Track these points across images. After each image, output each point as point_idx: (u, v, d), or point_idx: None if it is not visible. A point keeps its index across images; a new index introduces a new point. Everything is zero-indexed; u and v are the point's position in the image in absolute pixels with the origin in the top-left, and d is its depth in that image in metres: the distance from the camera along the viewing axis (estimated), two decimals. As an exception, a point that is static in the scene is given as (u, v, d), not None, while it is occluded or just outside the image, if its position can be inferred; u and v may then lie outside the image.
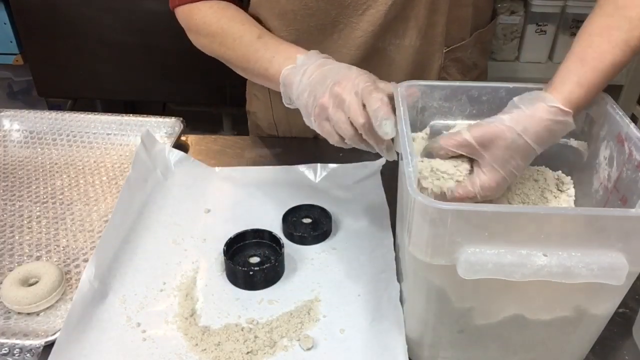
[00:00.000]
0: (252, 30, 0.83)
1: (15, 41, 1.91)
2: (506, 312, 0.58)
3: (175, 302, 0.71)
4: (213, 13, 0.86)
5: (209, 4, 0.86)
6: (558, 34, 2.05)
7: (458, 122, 0.72)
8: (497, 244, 0.51)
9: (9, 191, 0.91)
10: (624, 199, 0.61)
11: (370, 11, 0.85)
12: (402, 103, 0.65)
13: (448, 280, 0.55)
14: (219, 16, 0.85)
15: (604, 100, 0.67)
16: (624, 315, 0.71)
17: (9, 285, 0.70)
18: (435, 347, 0.63)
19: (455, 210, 0.50)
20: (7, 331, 0.66)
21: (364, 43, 0.88)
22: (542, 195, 0.72)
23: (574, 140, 0.71)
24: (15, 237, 0.82)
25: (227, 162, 0.97)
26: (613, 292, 0.57)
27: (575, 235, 0.51)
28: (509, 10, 2.00)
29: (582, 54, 0.62)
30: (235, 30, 0.84)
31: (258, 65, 0.80)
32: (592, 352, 0.65)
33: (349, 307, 0.71)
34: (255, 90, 1.08)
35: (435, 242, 0.52)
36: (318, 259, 0.78)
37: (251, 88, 1.09)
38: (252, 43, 0.81)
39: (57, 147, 1.01)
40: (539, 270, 0.51)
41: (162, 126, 1.03)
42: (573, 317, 0.58)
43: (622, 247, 0.51)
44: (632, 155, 0.59)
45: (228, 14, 0.85)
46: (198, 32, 0.88)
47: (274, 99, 1.04)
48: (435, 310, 0.59)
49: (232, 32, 0.84)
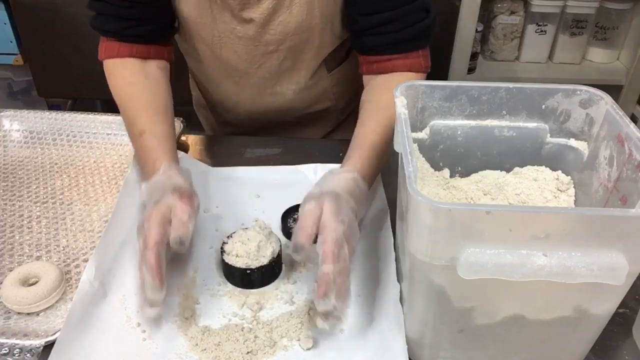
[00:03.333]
0: (138, 123, 0.84)
1: (15, 41, 1.91)
2: (506, 312, 0.58)
3: (175, 302, 0.71)
4: (122, 85, 0.89)
5: (125, 72, 0.89)
6: (558, 34, 2.05)
7: (458, 122, 0.72)
8: (497, 244, 0.51)
9: (9, 191, 0.91)
10: (624, 199, 0.61)
11: (265, 65, 0.97)
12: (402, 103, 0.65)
13: (448, 280, 0.55)
14: (123, 91, 0.88)
15: (604, 100, 0.67)
16: (624, 315, 0.71)
17: (9, 285, 0.70)
18: (435, 347, 0.63)
19: (455, 210, 0.50)
20: (7, 331, 0.66)
21: (262, 86, 1.01)
22: (542, 195, 0.72)
23: (574, 140, 0.71)
24: (15, 237, 0.82)
25: (227, 162, 0.97)
26: (613, 292, 0.57)
27: (575, 235, 0.51)
28: (509, 10, 2.00)
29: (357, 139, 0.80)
30: (129, 115, 0.86)
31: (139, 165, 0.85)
32: (592, 352, 0.65)
33: (349, 307, 0.70)
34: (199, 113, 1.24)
35: (435, 242, 0.52)
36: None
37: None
38: (135, 139, 0.84)
39: (57, 147, 1.01)
40: (539, 270, 0.51)
41: (162, 126, 1.03)
42: (573, 317, 0.58)
43: (622, 247, 0.51)
44: (632, 155, 0.59)
45: (132, 93, 0.87)
46: (113, 95, 0.90)
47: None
48: (435, 310, 0.59)
49: (126, 116, 0.87)
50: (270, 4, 0.87)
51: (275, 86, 1.01)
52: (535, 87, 0.69)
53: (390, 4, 0.83)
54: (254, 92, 1.03)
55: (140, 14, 0.87)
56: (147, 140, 0.81)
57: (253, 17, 0.88)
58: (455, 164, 0.75)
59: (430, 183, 0.72)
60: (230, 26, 0.91)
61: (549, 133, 0.72)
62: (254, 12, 0.88)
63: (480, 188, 0.73)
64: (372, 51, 0.87)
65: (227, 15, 0.90)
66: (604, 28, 2.04)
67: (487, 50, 2.10)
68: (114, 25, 0.88)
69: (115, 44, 0.90)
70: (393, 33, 0.84)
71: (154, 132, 0.82)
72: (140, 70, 0.90)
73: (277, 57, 0.95)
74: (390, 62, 0.86)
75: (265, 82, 1.00)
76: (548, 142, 0.73)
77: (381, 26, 0.84)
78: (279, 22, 0.89)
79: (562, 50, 2.08)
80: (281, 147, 1.03)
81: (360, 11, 0.86)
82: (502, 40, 2.05)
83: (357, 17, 0.86)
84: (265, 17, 0.88)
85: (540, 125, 0.72)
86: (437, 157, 0.74)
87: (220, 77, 1.03)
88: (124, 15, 0.87)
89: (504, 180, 0.73)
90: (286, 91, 1.03)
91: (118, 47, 0.89)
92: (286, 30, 0.90)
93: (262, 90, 1.02)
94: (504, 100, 0.70)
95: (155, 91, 0.89)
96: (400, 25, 0.84)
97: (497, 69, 2.08)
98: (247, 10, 0.88)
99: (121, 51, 0.89)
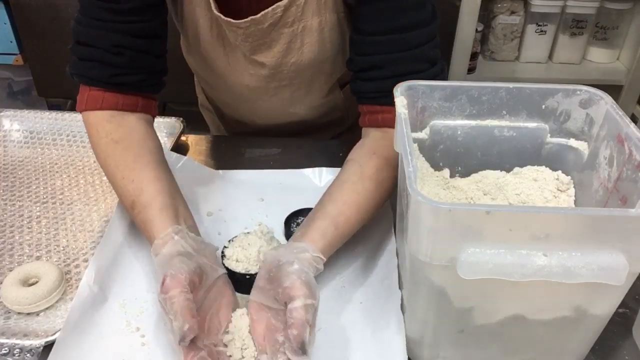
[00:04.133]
0: (127, 193, 0.74)
1: (15, 41, 1.91)
2: (506, 312, 0.58)
3: (175, 303, 0.71)
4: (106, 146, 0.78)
5: (110, 127, 0.78)
6: (558, 34, 2.05)
7: (458, 122, 0.72)
8: (497, 244, 0.51)
9: (9, 191, 0.91)
10: (624, 199, 0.60)
11: (278, 96, 0.95)
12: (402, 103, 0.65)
13: (448, 281, 0.55)
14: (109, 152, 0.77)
15: (604, 100, 0.67)
16: (624, 315, 0.71)
17: (9, 285, 0.70)
18: (435, 347, 0.63)
19: (455, 210, 0.50)
20: (7, 331, 0.66)
21: (275, 110, 1.00)
22: (542, 195, 0.72)
23: (574, 140, 0.71)
24: (15, 237, 0.82)
25: (227, 162, 0.97)
26: (613, 292, 0.57)
27: (575, 235, 0.51)
28: (509, 10, 2.00)
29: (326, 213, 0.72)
30: (117, 184, 0.76)
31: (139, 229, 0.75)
32: (592, 352, 0.65)
33: (351, 314, 0.70)
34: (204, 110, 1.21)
35: (435, 242, 0.52)
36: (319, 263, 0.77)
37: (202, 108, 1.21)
38: (128, 210, 0.75)
39: (57, 147, 1.01)
40: (539, 270, 0.51)
41: (162, 126, 1.03)
42: (573, 317, 0.58)
43: (622, 247, 0.51)
44: (632, 155, 0.59)
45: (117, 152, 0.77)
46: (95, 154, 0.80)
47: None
48: (435, 310, 0.59)
49: (113, 183, 0.77)
50: (282, 48, 0.86)
51: (288, 109, 1.01)
52: (535, 87, 0.69)
53: (383, 47, 0.75)
54: (267, 113, 1.03)
55: (131, 62, 0.79)
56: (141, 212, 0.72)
57: (265, 61, 0.88)
58: (455, 164, 0.75)
59: (430, 183, 0.72)
60: (242, 65, 0.90)
61: (549, 133, 0.72)
62: (264, 56, 0.87)
63: (480, 188, 0.73)
64: (362, 99, 0.80)
65: (240, 56, 0.89)
66: (604, 28, 2.04)
67: (487, 50, 2.10)
68: (100, 72, 0.78)
69: (99, 94, 0.79)
70: (380, 80, 0.76)
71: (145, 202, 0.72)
72: (125, 127, 0.79)
73: (289, 89, 0.95)
74: (380, 114, 0.78)
75: (278, 106, 1.00)
76: (548, 142, 0.73)
77: (370, 70, 0.77)
78: (291, 64, 0.88)
79: (562, 50, 2.08)
80: (281, 147, 1.03)
81: (355, 50, 0.79)
82: (502, 40, 2.05)
83: (353, 56, 0.80)
84: (276, 60, 0.87)
85: (540, 125, 0.72)
86: (437, 157, 0.74)
87: (231, 101, 1.03)
88: (112, 62, 0.78)
89: (504, 180, 0.73)
90: (299, 111, 1.02)
91: (103, 97, 0.79)
92: (299, 68, 0.89)
93: (275, 111, 1.02)
94: (504, 100, 0.70)
95: (143, 145, 0.79)
96: (389, 72, 0.75)
97: (497, 69, 2.08)
98: (258, 55, 0.87)
99: (106, 102, 0.79)
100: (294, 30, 0.84)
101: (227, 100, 1.05)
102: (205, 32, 0.88)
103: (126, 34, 0.77)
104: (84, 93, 0.80)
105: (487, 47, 2.10)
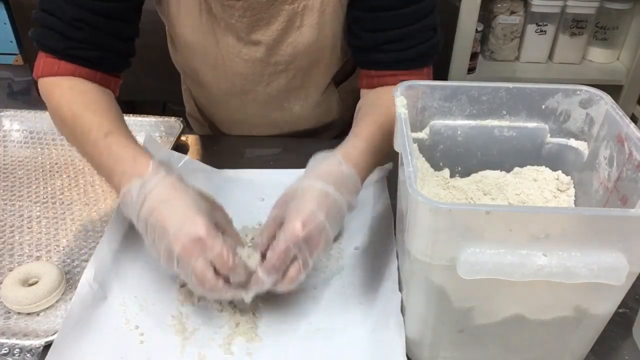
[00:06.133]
0: (102, 125, 0.73)
1: (15, 41, 1.91)
2: (506, 312, 0.58)
3: (173, 305, 0.71)
4: (70, 94, 0.77)
5: (71, 82, 0.78)
6: (558, 34, 2.05)
7: (458, 122, 0.72)
8: (497, 244, 0.51)
9: (9, 191, 0.91)
10: (624, 199, 0.61)
11: (273, 84, 0.94)
12: (402, 103, 0.65)
13: (448, 280, 0.55)
14: (74, 99, 0.77)
15: (604, 100, 0.67)
16: (624, 315, 0.71)
17: (9, 285, 0.70)
18: (435, 347, 0.63)
19: (455, 210, 0.50)
20: (7, 331, 0.66)
21: (269, 103, 0.98)
22: (542, 195, 0.72)
23: (574, 140, 0.71)
24: (15, 237, 0.82)
25: (227, 162, 0.97)
26: (613, 292, 0.57)
27: (575, 235, 0.51)
28: (509, 10, 2.00)
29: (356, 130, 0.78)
30: (86, 121, 0.74)
31: (101, 171, 0.75)
32: (592, 352, 0.65)
33: (351, 314, 0.70)
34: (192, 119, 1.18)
35: (435, 242, 0.52)
36: (319, 263, 0.77)
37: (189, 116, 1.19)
38: (97, 143, 0.72)
39: (57, 147, 1.01)
40: (539, 270, 0.51)
41: (162, 126, 1.03)
42: (573, 317, 0.58)
43: (622, 247, 0.51)
44: (632, 155, 0.59)
45: (86, 99, 0.77)
46: (53, 114, 0.79)
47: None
48: (435, 310, 0.59)
49: (82, 123, 0.74)
50: (280, 26, 0.85)
51: (282, 102, 1.00)
52: (535, 87, 0.69)
53: (397, 22, 0.80)
54: (260, 109, 1.01)
55: (90, 38, 0.78)
56: (117, 139, 0.72)
57: (261, 40, 0.87)
58: (455, 164, 0.75)
59: (430, 183, 0.72)
60: (235, 50, 0.89)
61: (549, 133, 0.72)
62: (262, 34, 0.87)
63: (480, 188, 0.73)
64: (375, 66, 0.85)
65: (232, 39, 0.88)
66: (604, 28, 2.04)
67: (487, 50, 2.10)
68: (58, 43, 0.77)
69: (55, 62, 0.78)
70: (398, 51, 0.82)
71: (124, 133, 0.73)
72: (86, 85, 0.79)
73: (285, 76, 0.94)
74: (394, 77, 0.82)
75: (272, 99, 0.98)
76: (548, 142, 0.73)
77: (386, 44, 0.82)
78: (288, 44, 0.88)
79: (562, 50, 2.08)
80: (281, 147, 1.03)
81: (365, 28, 0.83)
82: (502, 40, 2.05)
83: (361, 33, 0.83)
84: (274, 39, 0.87)
85: (540, 125, 0.72)
86: (437, 157, 0.74)
87: (223, 96, 1.01)
88: (71, 35, 0.77)
89: (504, 180, 0.73)
90: (293, 106, 1.01)
91: (59, 65, 0.78)
92: (296, 51, 0.89)
93: (269, 106, 1.00)
94: (504, 100, 0.70)
95: (113, 103, 0.79)
96: (405, 44, 0.81)
97: (497, 69, 2.08)
98: (255, 32, 0.87)
99: (62, 69, 0.78)
100: (294, 8, 0.84)
101: (218, 99, 1.02)
102: (195, 19, 0.87)
103: (89, 10, 0.76)
104: (41, 59, 0.80)
105: (487, 47, 2.10)
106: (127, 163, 0.68)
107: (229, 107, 1.03)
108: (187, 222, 0.61)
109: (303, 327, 0.69)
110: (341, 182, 0.68)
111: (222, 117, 1.08)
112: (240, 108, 1.01)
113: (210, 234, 0.61)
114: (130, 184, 0.66)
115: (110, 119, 0.75)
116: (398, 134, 0.63)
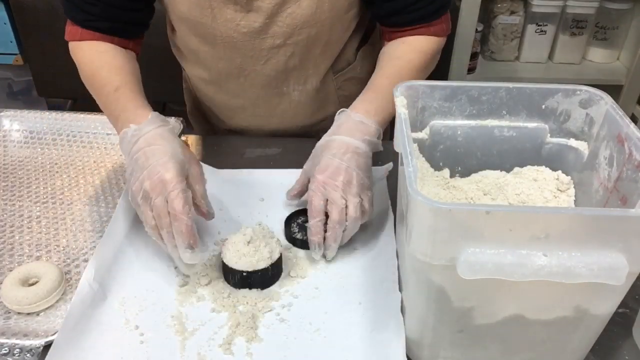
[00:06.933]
0: (113, 81, 0.85)
1: (15, 41, 1.91)
2: (506, 312, 0.58)
3: (174, 305, 0.71)
4: (90, 55, 0.90)
5: (90, 46, 0.90)
6: (558, 34, 2.05)
7: (458, 122, 0.72)
8: (497, 244, 0.51)
9: (9, 191, 0.91)
10: (624, 199, 0.61)
11: (272, 61, 0.96)
12: (402, 103, 0.65)
13: (448, 280, 0.56)
14: (92, 59, 0.89)
15: (604, 100, 0.67)
16: (624, 315, 0.71)
17: (9, 285, 0.70)
18: (435, 347, 0.63)
19: (455, 210, 0.50)
20: (7, 331, 0.66)
21: (267, 86, 1.00)
22: (542, 195, 0.72)
23: (574, 140, 0.72)
24: (15, 237, 0.82)
25: (227, 162, 0.97)
26: (613, 292, 0.57)
27: (575, 235, 0.51)
28: (509, 10, 2.00)
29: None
30: (101, 77, 0.87)
31: (110, 119, 0.86)
32: (592, 352, 0.65)
33: (350, 315, 0.70)
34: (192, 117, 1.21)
35: (435, 242, 0.52)
36: (320, 264, 0.78)
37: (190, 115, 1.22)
38: (109, 95, 0.84)
39: (57, 147, 1.01)
40: (539, 270, 0.51)
41: (162, 126, 1.03)
42: (573, 317, 0.58)
43: (622, 247, 0.51)
44: (632, 155, 0.59)
45: (102, 59, 0.89)
46: (80, 72, 0.91)
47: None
48: (435, 310, 0.59)
49: (98, 79, 0.87)
50: None
51: (281, 86, 1.00)
52: (535, 87, 0.69)
53: None
54: (259, 93, 1.01)
55: (103, 12, 0.88)
56: (125, 92, 0.83)
57: (261, 5, 0.88)
58: (455, 164, 0.75)
59: (430, 183, 0.72)
60: (233, 23, 0.90)
61: (549, 133, 0.72)
62: (262, 0, 0.88)
63: (480, 188, 0.73)
64: (397, 26, 0.91)
65: (229, 11, 0.89)
66: (604, 28, 2.04)
67: (487, 50, 2.10)
68: (77, 15, 0.89)
69: (78, 29, 0.90)
70: (417, 11, 0.89)
71: (132, 88, 0.84)
72: (104, 46, 0.90)
73: (284, 53, 0.94)
74: (415, 29, 0.90)
75: (271, 80, 0.99)
76: (548, 142, 0.73)
77: (405, 8, 0.88)
78: (287, 14, 0.89)
79: (562, 50, 2.08)
80: (281, 147, 1.03)
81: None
82: (502, 40, 2.05)
83: (381, 3, 0.90)
84: (273, 7, 0.87)
85: (540, 125, 0.72)
86: (437, 157, 0.74)
87: (222, 78, 1.01)
88: (86, 9, 0.88)
89: (504, 180, 0.74)
90: (292, 92, 1.01)
91: (81, 32, 0.90)
92: (294, 23, 0.89)
93: (267, 90, 1.01)
94: (504, 100, 0.70)
95: (128, 60, 0.90)
96: (422, 3, 0.88)
97: (497, 69, 2.08)
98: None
99: (83, 35, 0.90)
100: None
101: (217, 82, 1.03)
102: None
103: None
104: (68, 26, 0.92)
105: (487, 47, 2.10)
106: (129, 112, 0.80)
107: (229, 91, 1.03)
108: (160, 165, 0.71)
109: (303, 327, 0.69)
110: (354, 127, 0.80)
111: (222, 103, 1.08)
112: (240, 92, 1.03)
113: (175, 180, 0.70)
114: (129, 128, 0.77)
115: (121, 75, 0.86)
116: (398, 134, 0.63)
